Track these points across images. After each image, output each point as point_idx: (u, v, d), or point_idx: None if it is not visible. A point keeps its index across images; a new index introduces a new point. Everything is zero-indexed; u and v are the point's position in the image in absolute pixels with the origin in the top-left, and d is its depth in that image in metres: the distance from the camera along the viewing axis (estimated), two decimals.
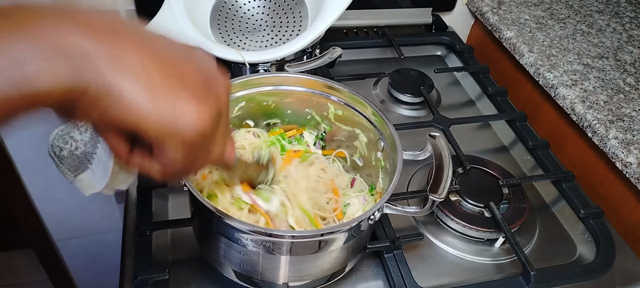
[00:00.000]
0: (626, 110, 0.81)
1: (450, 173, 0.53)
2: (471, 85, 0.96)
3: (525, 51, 0.93)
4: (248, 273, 0.53)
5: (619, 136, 0.75)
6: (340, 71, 0.93)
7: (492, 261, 0.67)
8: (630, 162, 0.72)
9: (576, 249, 0.70)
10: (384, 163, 0.60)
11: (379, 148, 0.61)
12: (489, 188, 0.72)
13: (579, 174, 0.80)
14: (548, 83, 0.87)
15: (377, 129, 0.60)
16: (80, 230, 1.34)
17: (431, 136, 0.56)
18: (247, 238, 0.47)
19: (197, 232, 0.58)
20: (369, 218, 0.50)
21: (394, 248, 0.62)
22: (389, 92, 0.91)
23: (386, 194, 0.51)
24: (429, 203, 0.51)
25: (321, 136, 0.68)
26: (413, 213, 0.54)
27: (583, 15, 1.05)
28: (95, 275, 1.50)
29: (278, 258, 0.49)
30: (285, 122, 0.67)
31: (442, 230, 0.69)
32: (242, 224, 0.46)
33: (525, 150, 0.83)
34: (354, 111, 0.62)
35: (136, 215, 0.64)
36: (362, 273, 0.63)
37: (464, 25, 1.15)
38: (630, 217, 0.77)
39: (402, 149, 0.55)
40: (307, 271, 0.52)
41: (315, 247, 0.49)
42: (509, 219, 0.67)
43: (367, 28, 1.05)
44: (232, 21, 0.80)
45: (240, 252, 0.50)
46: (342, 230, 0.49)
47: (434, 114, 0.84)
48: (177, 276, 0.60)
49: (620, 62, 0.92)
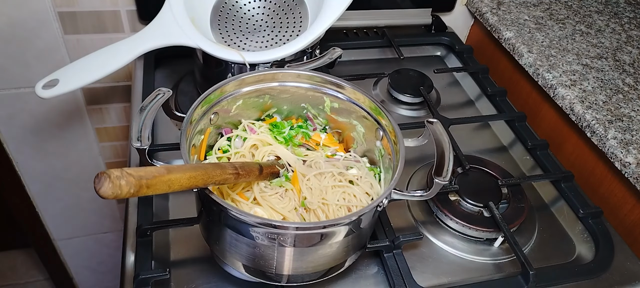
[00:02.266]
0: (625, 110, 0.81)
1: (452, 156, 0.54)
2: (470, 85, 0.97)
3: (525, 51, 0.93)
4: (260, 267, 0.53)
5: (618, 136, 0.76)
6: (340, 71, 0.93)
7: (491, 260, 0.67)
8: (629, 162, 0.72)
9: (575, 249, 0.70)
10: (384, 152, 0.61)
11: (378, 137, 0.61)
12: (489, 188, 0.72)
13: (578, 174, 0.80)
14: (547, 83, 0.87)
15: (374, 119, 0.61)
16: (81, 230, 1.34)
17: (429, 122, 0.57)
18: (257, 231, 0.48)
19: (205, 230, 0.58)
20: (378, 205, 0.51)
21: (394, 248, 0.62)
22: (389, 93, 0.91)
23: (393, 181, 0.51)
24: (434, 186, 0.53)
25: (323, 128, 0.68)
26: (419, 198, 0.55)
27: (582, 16, 1.05)
28: (96, 275, 1.50)
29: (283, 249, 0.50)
30: (283, 118, 0.68)
31: (442, 230, 0.69)
32: (250, 217, 0.47)
33: (524, 150, 0.83)
34: (350, 103, 0.63)
35: (137, 214, 0.65)
36: (361, 273, 0.63)
37: (464, 25, 1.16)
38: (629, 217, 0.77)
39: (402, 136, 0.57)
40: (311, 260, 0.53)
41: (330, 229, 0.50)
42: (508, 219, 0.67)
43: (367, 28, 1.05)
44: (233, 21, 0.81)
45: (250, 245, 0.50)
46: (344, 223, 0.50)
47: (433, 114, 0.84)
48: (178, 275, 0.60)
49: (619, 63, 0.92)
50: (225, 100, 0.61)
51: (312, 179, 0.60)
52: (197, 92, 0.84)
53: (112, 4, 0.92)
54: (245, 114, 0.65)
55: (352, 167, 0.64)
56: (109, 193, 0.36)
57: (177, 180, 0.42)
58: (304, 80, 0.64)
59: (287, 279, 0.55)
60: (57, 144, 1.11)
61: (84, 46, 0.96)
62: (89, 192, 1.22)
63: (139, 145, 0.51)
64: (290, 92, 0.65)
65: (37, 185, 1.18)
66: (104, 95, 1.07)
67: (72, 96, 1.04)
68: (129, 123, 1.08)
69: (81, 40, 0.95)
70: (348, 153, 0.67)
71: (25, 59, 0.94)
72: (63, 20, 0.91)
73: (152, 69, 0.89)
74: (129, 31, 0.96)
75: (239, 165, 0.52)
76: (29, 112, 1.03)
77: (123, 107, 1.10)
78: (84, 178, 1.19)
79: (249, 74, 0.62)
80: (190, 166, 0.45)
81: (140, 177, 0.38)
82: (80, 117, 1.08)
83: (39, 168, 1.14)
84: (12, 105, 1.00)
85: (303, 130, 0.67)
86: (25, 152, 1.10)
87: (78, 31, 0.94)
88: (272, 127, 0.66)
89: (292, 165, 0.63)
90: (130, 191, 0.37)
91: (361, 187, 0.61)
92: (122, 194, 0.37)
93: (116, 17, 0.94)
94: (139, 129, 0.51)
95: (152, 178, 0.39)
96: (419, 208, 0.72)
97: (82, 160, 1.16)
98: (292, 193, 0.59)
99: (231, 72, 0.74)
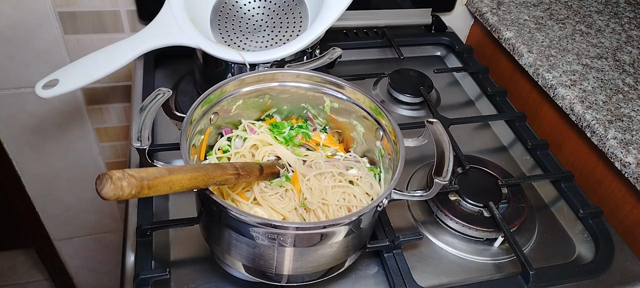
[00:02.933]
0: (625, 110, 0.81)
1: (452, 156, 0.54)
2: (470, 85, 0.97)
3: (525, 51, 0.93)
4: (260, 267, 0.53)
5: (618, 136, 0.76)
6: (340, 71, 0.93)
7: (491, 260, 0.67)
8: (629, 162, 0.72)
9: (575, 249, 0.70)
10: (384, 152, 0.61)
11: (378, 137, 0.61)
12: (488, 188, 0.72)
13: (577, 174, 0.80)
14: (547, 83, 0.87)
15: (374, 119, 0.61)
16: (80, 230, 1.34)
17: (429, 122, 0.57)
18: (257, 230, 0.48)
19: (205, 230, 0.58)
20: (378, 205, 0.51)
21: (394, 248, 0.62)
22: (389, 93, 0.91)
23: (393, 181, 0.51)
24: (434, 186, 0.53)
25: (323, 128, 0.68)
26: (419, 198, 0.55)
27: (582, 16, 1.05)
28: (96, 275, 1.50)
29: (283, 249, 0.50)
30: (283, 118, 0.68)
31: (442, 230, 0.69)
32: (250, 217, 0.47)
33: (524, 150, 0.83)
34: (350, 103, 0.63)
35: (137, 214, 0.65)
36: (361, 273, 0.63)
37: (464, 25, 1.16)
38: (628, 217, 0.77)
39: (402, 136, 0.57)
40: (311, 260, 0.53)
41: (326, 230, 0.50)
42: (508, 219, 0.67)
43: (367, 28, 1.05)
44: (233, 21, 0.81)
45: (250, 245, 0.50)
46: (345, 223, 0.50)
47: (433, 114, 0.84)
48: (178, 275, 0.60)
49: (619, 63, 0.92)
50: (225, 100, 0.61)
51: (312, 179, 0.61)
52: (197, 92, 0.84)
53: (112, 4, 0.92)
54: (245, 114, 0.65)
55: (352, 167, 0.64)
56: (110, 194, 0.36)
57: (179, 181, 0.42)
58: (303, 80, 0.64)
59: (287, 279, 0.55)
60: (57, 144, 1.11)
61: (84, 46, 0.96)
62: (89, 192, 1.22)
63: (139, 145, 0.51)
64: (290, 92, 0.65)
65: (37, 185, 1.18)
66: (104, 95, 1.07)
67: (72, 96, 1.04)
68: (129, 123, 1.08)
69: (81, 40, 0.95)
70: (348, 153, 0.67)
71: (25, 59, 0.94)
72: (63, 20, 0.91)
73: (152, 69, 0.89)
74: (129, 31, 0.96)
75: (240, 166, 0.52)
76: (29, 112, 1.03)
77: (123, 107, 1.10)
78: (84, 178, 1.19)
79: (249, 74, 0.62)
80: (191, 167, 0.45)
81: (141, 178, 0.38)
82: (80, 117, 1.08)
83: (39, 169, 1.14)
84: (12, 105, 1.00)
85: (303, 131, 0.67)
86: (25, 152, 1.10)
87: (78, 31, 0.94)
88: (272, 127, 0.66)
89: (292, 165, 0.63)
90: (132, 192, 0.37)
91: (361, 187, 0.61)
92: (124, 195, 0.37)
93: (116, 17, 0.94)
94: (139, 129, 0.51)
95: (153, 179, 0.39)
96: (419, 208, 0.72)
97: (82, 160, 1.16)
98: (292, 194, 0.59)
99: (231, 72, 0.74)
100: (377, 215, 0.55)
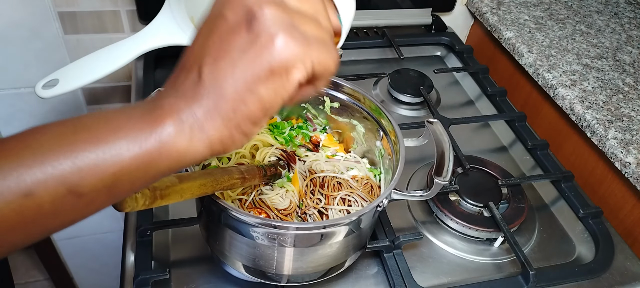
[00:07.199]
0: (625, 110, 0.81)
1: (452, 156, 0.54)
2: (471, 85, 0.97)
3: (525, 51, 0.93)
4: (260, 267, 0.53)
5: (618, 136, 0.76)
6: (340, 71, 0.93)
7: (491, 260, 0.67)
8: (629, 162, 0.72)
9: (575, 249, 0.70)
10: (384, 152, 0.61)
11: (379, 137, 0.61)
12: (488, 188, 0.72)
13: (578, 174, 0.80)
14: (547, 83, 0.87)
15: (374, 119, 0.61)
16: (81, 230, 1.34)
17: (429, 122, 0.57)
18: (257, 230, 0.48)
19: (205, 230, 0.58)
20: (378, 205, 0.51)
21: (394, 248, 0.62)
22: (389, 92, 0.91)
23: (393, 181, 0.51)
24: (434, 186, 0.53)
25: (323, 128, 0.68)
26: (419, 198, 0.55)
27: (582, 16, 1.05)
28: (96, 275, 1.50)
29: (283, 249, 0.50)
30: (283, 118, 0.68)
31: (442, 230, 0.69)
32: (250, 217, 0.47)
33: (524, 150, 0.83)
34: (350, 103, 0.63)
35: (136, 214, 0.65)
36: (361, 273, 0.63)
37: (464, 25, 1.16)
38: (629, 217, 0.77)
39: (402, 136, 0.57)
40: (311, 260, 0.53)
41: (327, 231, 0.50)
42: (508, 219, 0.67)
43: (367, 28, 1.05)
44: None
45: (250, 245, 0.50)
46: (345, 223, 0.50)
47: (433, 114, 0.84)
48: (178, 275, 0.60)
49: (619, 62, 0.92)
50: None
51: (312, 179, 0.61)
52: None
53: (112, 4, 0.92)
54: None
55: (352, 168, 0.64)
56: (126, 207, 0.36)
57: (189, 188, 0.42)
58: None
59: (287, 279, 0.55)
60: None
61: (84, 46, 0.96)
62: None
63: None
64: None
65: None
66: (104, 95, 1.07)
67: (72, 96, 1.04)
68: None
69: (81, 40, 0.95)
70: (348, 154, 0.67)
71: (25, 59, 0.94)
72: (63, 20, 0.91)
73: (152, 69, 0.89)
74: (129, 31, 0.96)
75: (245, 169, 0.52)
76: (29, 112, 1.03)
77: None
78: None
79: None
80: (199, 173, 0.45)
81: (154, 188, 0.38)
82: None
83: None
84: (12, 105, 1.00)
85: (303, 131, 0.67)
86: None
87: (78, 31, 0.94)
88: (272, 127, 0.66)
89: (293, 165, 0.63)
90: (146, 203, 0.37)
91: (361, 187, 0.61)
92: (138, 206, 0.37)
93: (116, 17, 0.94)
94: None
95: (165, 189, 0.39)
96: (419, 208, 0.72)
97: None
98: (293, 194, 0.59)
99: None
100: (377, 215, 0.55)
